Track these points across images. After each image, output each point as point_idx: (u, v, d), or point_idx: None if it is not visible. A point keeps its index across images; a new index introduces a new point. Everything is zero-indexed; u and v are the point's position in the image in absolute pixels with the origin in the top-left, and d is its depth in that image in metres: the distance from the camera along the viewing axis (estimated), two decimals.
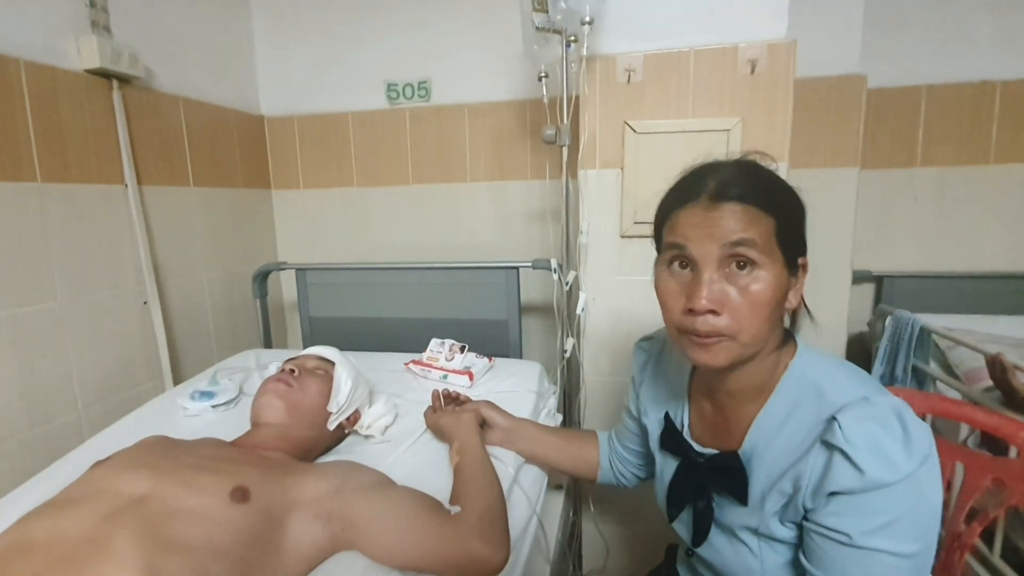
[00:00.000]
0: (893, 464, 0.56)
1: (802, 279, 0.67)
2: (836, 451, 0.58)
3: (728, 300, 0.62)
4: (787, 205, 0.64)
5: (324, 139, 1.95)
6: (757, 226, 0.61)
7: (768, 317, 0.63)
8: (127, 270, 1.42)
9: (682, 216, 0.65)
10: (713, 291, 0.62)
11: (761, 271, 0.61)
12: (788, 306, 0.66)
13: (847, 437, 0.57)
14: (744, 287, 0.61)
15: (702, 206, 0.63)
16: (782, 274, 0.63)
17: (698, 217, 0.63)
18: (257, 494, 0.72)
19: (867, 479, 0.56)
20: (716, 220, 0.61)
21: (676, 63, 1.25)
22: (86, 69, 1.30)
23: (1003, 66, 1.74)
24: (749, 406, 0.70)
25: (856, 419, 0.58)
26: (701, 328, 0.62)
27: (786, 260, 0.63)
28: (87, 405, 1.32)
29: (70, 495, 0.70)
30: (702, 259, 0.62)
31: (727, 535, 0.73)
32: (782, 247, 0.62)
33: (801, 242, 0.67)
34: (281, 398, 0.95)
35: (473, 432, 0.95)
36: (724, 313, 0.62)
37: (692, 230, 0.63)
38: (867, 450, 0.56)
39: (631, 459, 0.98)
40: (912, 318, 1.43)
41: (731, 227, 0.61)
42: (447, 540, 0.71)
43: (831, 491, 0.59)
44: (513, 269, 1.49)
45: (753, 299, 0.61)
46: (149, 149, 1.48)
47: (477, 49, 1.78)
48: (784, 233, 0.62)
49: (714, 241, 0.61)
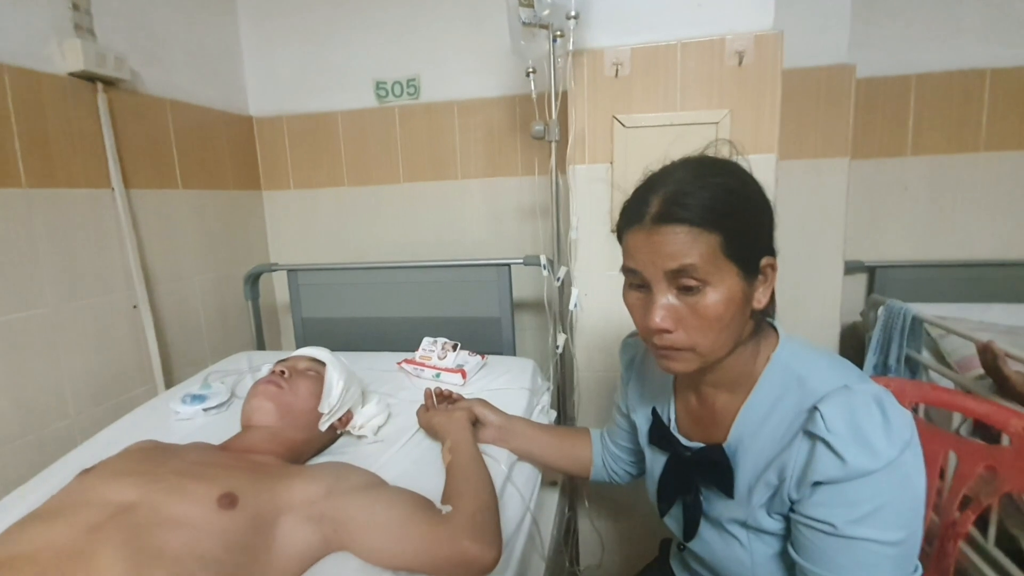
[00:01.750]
0: (875, 452, 0.56)
1: (771, 278, 0.66)
2: (818, 441, 0.58)
3: (681, 317, 0.62)
4: (739, 214, 0.61)
5: (314, 139, 1.94)
6: (697, 248, 0.59)
7: (725, 327, 0.63)
8: (116, 275, 1.41)
9: (630, 238, 0.65)
10: (666, 311, 0.62)
11: (709, 288, 0.61)
12: (756, 306, 0.65)
13: (829, 427, 0.57)
14: (693, 305, 0.61)
15: (645, 229, 0.62)
16: (737, 284, 0.61)
17: (642, 241, 0.63)
18: (245, 499, 0.72)
19: (849, 468, 0.56)
20: (657, 245, 0.61)
21: (663, 56, 1.24)
22: (70, 72, 1.29)
23: (992, 54, 1.74)
24: (733, 398, 0.70)
25: (837, 408, 0.58)
26: (659, 343, 0.65)
27: (741, 269, 0.62)
28: (79, 411, 1.32)
29: (56, 505, 0.69)
30: (652, 281, 0.63)
31: (716, 528, 0.73)
32: (734, 259, 0.61)
33: (761, 246, 0.65)
34: (271, 400, 0.95)
35: (465, 430, 0.94)
36: (679, 329, 0.63)
37: (638, 254, 0.64)
38: (849, 439, 0.57)
39: (623, 456, 0.98)
40: (904, 307, 1.43)
41: (670, 252, 0.60)
42: (438, 539, 0.71)
43: (815, 481, 0.59)
44: (505, 266, 1.48)
45: (704, 316, 0.61)
46: (136, 152, 1.47)
47: (465, 46, 1.77)
48: (734, 245, 0.60)
49: (657, 266, 0.62)
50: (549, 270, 1.36)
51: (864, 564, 0.58)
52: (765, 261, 0.64)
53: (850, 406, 0.58)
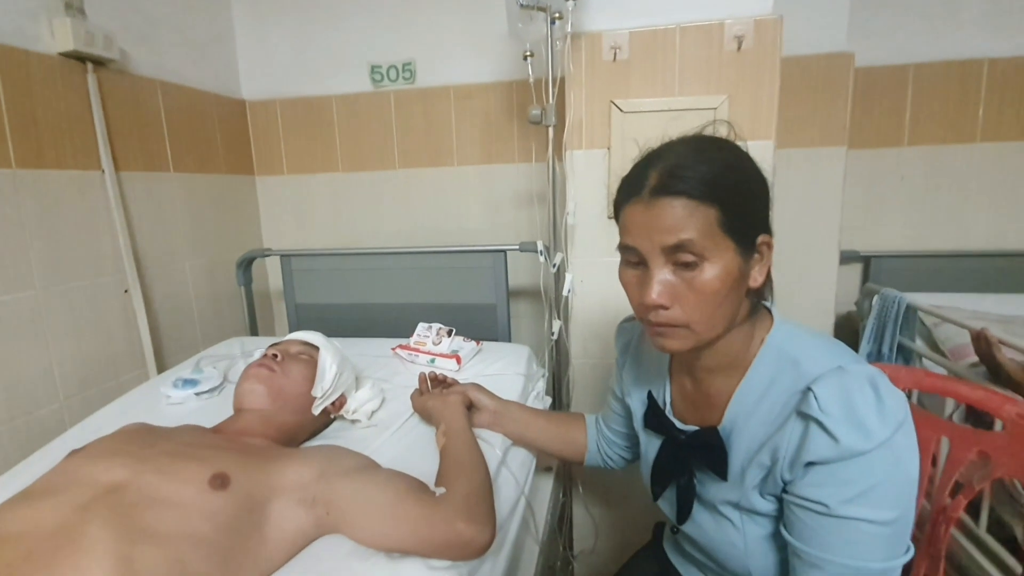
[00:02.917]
0: (868, 432, 0.56)
1: (767, 256, 0.65)
2: (811, 421, 0.58)
3: (678, 293, 0.62)
4: (737, 189, 0.61)
5: (307, 123, 1.92)
6: (695, 222, 0.59)
7: (721, 304, 0.62)
8: (107, 258, 1.39)
9: (627, 213, 0.64)
10: (662, 286, 0.62)
11: (707, 263, 0.60)
12: (752, 284, 0.65)
13: (822, 407, 0.57)
14: (690, 280, 0.61)
15: (643, 202, 0.62)
16: (733, 260, 0.61)
17: (639, 214, 0.62)
18: (237, 480, 0.71)
19: (842, 448, 0.56)
20: (655, 218, 0.61)
21: (662, 40, 1.23)
22: (60, 52, 1.27)
23: (990, 44, 1.73)
24: (728, 381, 0.70)
25: (830, 388, 0.58)
26: (654, 320, 0.64)
27: (738, 245, 0.61)
28: (69, 395, 1.30)
29: (45, 485, 0.68)
30: (648, 256, 0.62)
31: (710, 511, 0.73)
32: (731, 234, 0.60)
33: (758, 222, 0.64)
34: (263, 383, 0.94)
35: (460, 414, 0.94)
36: (675, 305, 0.62)
37: (635, 229, 0.63)
38: (842, 419, 0.56)
39: (618, 441, 0.98)
40: (899, 296, 1.43)
41: (668, 226, 0.60)
42: (432, 521, 0.71)
43: (808, 461, 0.59)
44: (500, 252, 1.47)
45: (701, 291, 0.61)
46: (126, 134, 1.45)
47: (462, 30, 1.75)
48: (731, 220, 0.60)
49: (656, 240, 0.61)
50: (546, 256, 1.35)
51: (856, 543, 0.58)
52: (761, 239, 0.64)
53: (844, 386, 0.58)
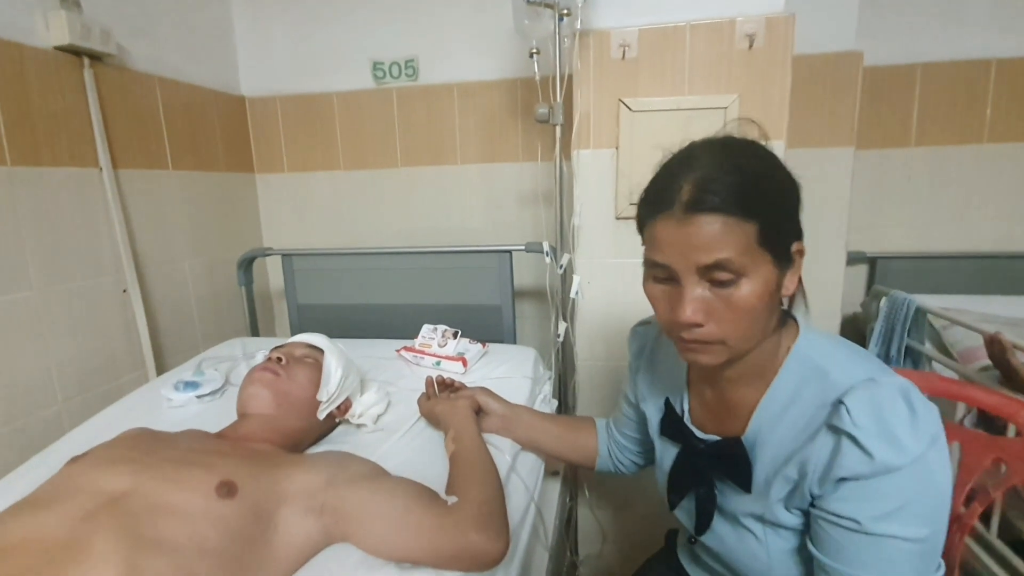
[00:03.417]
0: (902, 447, 0.54)
1: (798, 264, 0.63)
2: (844, 435, 0.56)
3: (713, 310, 0.59)
4: (773, 200, 0.59)
5: (308, 120, 1.89)
6: (735, 239, 0.56)
7: (757, 319, 0.60)
8: (105, 257, 1.37)
9: (658, 228, 0.60)
10: (697, 303, 0.59)
11: (744, 280, 0.58)
12: (784, 293, 0.63)
13: (855, 421, 0.55)
14: (727, 297, 0.58)
15: (675, 218, 0.58)
16: (771, 273, 0.59)
17: (672, 231, 0.59)
18: (244, 488, 0.69)
19: (876, 463, 0.54)
20: (690, 236, 0.57)
21: (672, 38, 1.21)
22: (55, 46, 1.24)
23: (998, 44, 1.72)
24: (751, 391, 0.68)
25: (863, 402, 0.56)
26: (687, 336, 0.61)
27: (774, 258, 0.59)
28: (68, 398, 1.28)
29: (46, 494, 0.66)
30: (682, 274, 0.59)
31: (731, 522, 0.71)
32: (768, 247, 0.58)
33: (793, 230, 0.62)
34: (268, 387, 0.92)
35: (469, 419, 0.92)
36: (710, 323, 0.60)
37: (668, 247, 0.59)
38: (875, 434, 0.55)
39: (630, 447, 0.96)
40: (908, 298, 1.42)
41: (704, 245, 0.57)
42: (444, 531, 0.69)
43: (840, 477, 0.57)
44: (506, 253, 1.45)
45: (738, 308, 0.58)
46: (124, 130, 1.42)
47: (466, 27, 1.73)
48: (769, 233, 0.58)
49: (690, 259, 0.58)
50: (552, 257, 1.33)
51: (888, 561, 0.56)
52: (795, 246, 0.62)
53: (876, 400, 0.56)
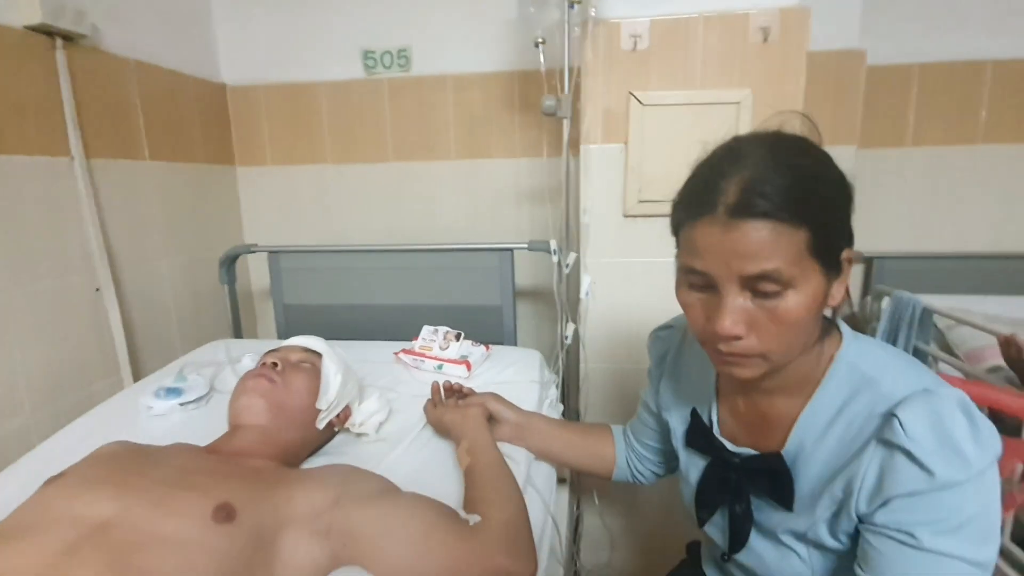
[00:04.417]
0: (966, 461, 0.50)
1: (847, 272, 0.58)
2: (898, 450, 0.52)
3: (755, 322, 0.54)
4: (826, 204, 0.53)
5: (294, 111, 1.80)
6: (784, 248, 0.51)
7: (801, 332, 0.55)
8: (75, 254, 1.26)
9: (697, 232, 0.55)
10: (737, 314, 0.54)
11: (791, 291, 0.53)
12: (831, 303, 0.57)
13: (909, 434, 0.51)
14: (771, 309, 0.53)
15: (719, 223, 0.53)
16: (820, 284, 0.54)
17: (715, 237, 0.53)
18: (244, 511, 0.63)
19: (938, 480, 0.50)
20: (735, 242, 0.52)
21: (684, 30, 1.17)
22: (25, 25, 1.14)
23: (995, 46, 1.73)
24: (791, 402, 0.63)
25: (919, 414, 0.52)
26: (725, 349, 0.57)
27: (824, 267, 0.54)
28: (36, 407, 1.17)
29: (20, 522, 0.58)
30: (722, 282, 0.54)
31: (771, 540, 0.66)
32: (819, 256, 0.53)
33: (846, 237, 0.56)
34: (263, 397, 0.85)
35: (483, 429, 0.86)
36: (751, 335, 0.55)
37: (708, 254, 0.54)
38: (935, 448, 0.50)
39: (649, 456, 0.91)
40: (914, 299, 1.41)
41: (751, 253, 0.52)
42: (469, 554, 0.64)
43: (893, 495, 0.53)
44: (507, 251, 1.39)
45: (783, 321, 0.53)
46: (97, 117, 1.32)
47: (461, 15, 1.66)
48: (821, 241, 0.52)
49: (733, 268, 0.53)
50: (559, 256, 1.28)
51: None
52: (846, 253, 0.57)
53: (934, 411, 0.52)
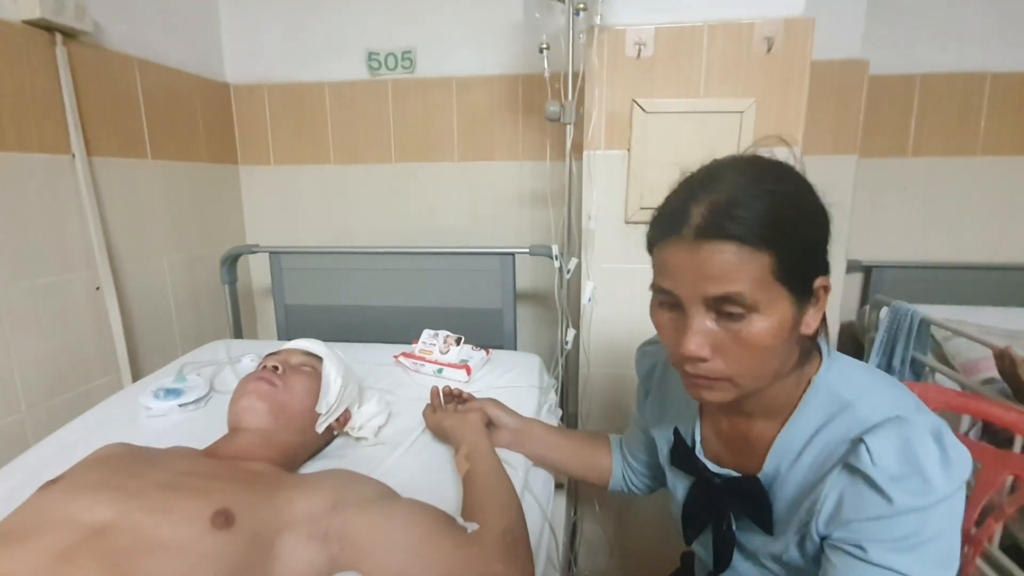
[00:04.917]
0: (930, 487, 0.50)
1: (823, 301, 0.57)
2: (859, 476, 0.52)
3: (720, 345, 0.54)
4: (796, 230, 0.53)
5: (297, 111, 1.80)
6: (746, 272, 0.51)
7: (768, 358, 0.55)
8: (76, 252, 1.26)
9: (666, 253, 0.56)
10: (702, 336, 0.54)
11: (756, 316, 0.53)
12: (804, 331, 0.57)
13: (876, 460, 0.51)
14: (736, 332, 0.53)
15: (685, 244, 0.53)
16: (788, 310, 0.53)
17: (681, 258, 0.54)
18: (242, 517, 0.62)
19: (896, 507, 0.50)
20: (699, 264, 0.52)
21: (689, 38, 1.17)
22: (24, 20, 1.14)
23: (995, 58, 1.74)
24: (769, 425, 0.63)
25: (888, 439, 0.51)
26: (691, 371, 0.57)
27: (793, 293, 0.53)
28: (32, 405, 1.17)
29: (16, 526, 0.58)
30: (688, 303, 0.54)
31: (753, 562, 0.67)
32: (786, 282, 0.52)
33: (817, 265, 0.56)
34: (264, 400, 0.85)
35: (482, 435, 0.86)
36: (717, 358, 0.55)
37: (675, 274, 0.55)
38: (898, 475, 0.50)
39: (641, 469, 0.91)
40: (912, 309, 1.42)
41: (714, 274, 0.52)
42: (466, 562, 0.63)
43: (851, 519, 0.53)
44: (509, 255, 1.40)
45: (748, 345, 0.53)
46: (99, 115, 1.32)
47: (466, 18, 1.66)
48: (787, 266, 0.52)
49: (698, 289, 0.53)
50: (561, 261, 1.28)
51: None
52: (819, 282, 0.56)
53: (903, 437, 0.51)
